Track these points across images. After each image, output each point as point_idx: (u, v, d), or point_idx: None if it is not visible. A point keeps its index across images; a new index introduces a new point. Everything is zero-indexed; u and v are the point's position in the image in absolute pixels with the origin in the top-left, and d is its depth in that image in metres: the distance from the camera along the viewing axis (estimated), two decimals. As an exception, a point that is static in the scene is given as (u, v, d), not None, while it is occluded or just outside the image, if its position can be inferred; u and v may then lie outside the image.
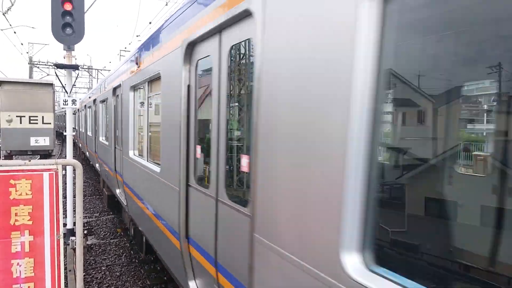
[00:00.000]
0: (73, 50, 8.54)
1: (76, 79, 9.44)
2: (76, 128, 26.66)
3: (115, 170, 10.03)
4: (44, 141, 18.05)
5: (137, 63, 6.98)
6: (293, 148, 2.34)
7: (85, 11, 8.19)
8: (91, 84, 50.44)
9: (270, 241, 2.58)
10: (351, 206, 1.92)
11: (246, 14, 2.98)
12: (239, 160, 3.44)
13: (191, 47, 4.17)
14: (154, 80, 6.17)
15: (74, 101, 8.83)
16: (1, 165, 3.48)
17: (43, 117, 17.99)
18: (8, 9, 15.59)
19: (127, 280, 7.74)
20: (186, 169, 4.30)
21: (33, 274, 3.63)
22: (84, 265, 8.14)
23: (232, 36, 3.29)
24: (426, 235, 2.17)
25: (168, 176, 4.93)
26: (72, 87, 8.96)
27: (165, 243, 5.25)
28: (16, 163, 3.59)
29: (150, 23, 20.85)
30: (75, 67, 9.01)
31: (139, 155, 7.53)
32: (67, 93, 8.76)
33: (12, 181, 3.51)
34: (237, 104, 3.62)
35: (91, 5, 10.83)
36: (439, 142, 2.30)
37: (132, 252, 9.30)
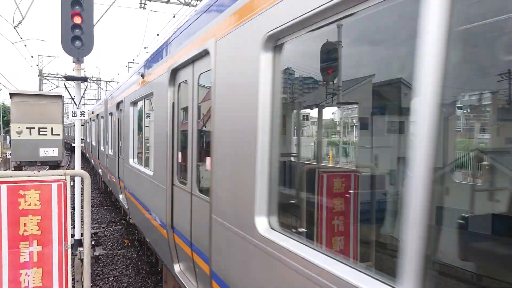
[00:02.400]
0: (82, 62, 8.66)
1: (85, 90, 9.57)
2: (85, 139, 26.83)
3: (118, 177, 10.85)
4: (53, 152, 18.22)
5: (139, 81, 7.95)
6: (232, 153, 3.30)
7: (94, 24, 8.33)
8: (100, 96, 50.92)
9: (221, 218, 3.53)
10: (260, 189, 2.87)
11: (206, 52, 3.92)
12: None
13: (174, 72, 5.12)
14: (148, 97, 7.17)
15: (82, 113, 8.93)
16: (10, 176, 3.53)
17: (52, 128, 18.18)
18: (19, 23, 15.86)
19: (134, 291, 7.74)
20: (172, 172, 5.21)
21: (41, 284, 3.64)
22: (91, 276, 8.15)
23: (200, 67, 4.28)
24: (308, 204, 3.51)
25: (159, 178, 5.83)
26: (81, 98, 9.07)
27: (154, 232, 6.30)
28: (25, 174, 3.63)
29: (157, 35, 21.04)
30: (84, 79, 9.12)
31: (138, 162, 8.52)
32: (76, 104, 8.87)
33: (21, 192, 3.55)
34: (205, 118, 4.55)
35: (100, 19, 11.03)
36: None
37: (139, 263, 9.30)
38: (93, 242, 10.05)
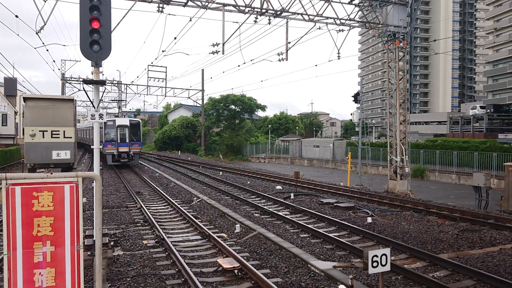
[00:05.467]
0: (101, 66, 8.80)
1: (103, 94, 9.83)
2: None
3: None
4: (65, 155, 18.48)
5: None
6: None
7: (112, 29, 8.47)
8: (120, 98, 51.70)
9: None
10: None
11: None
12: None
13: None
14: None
15: (101, 116, 9.09)
16: (24, 178, 3.63)
17: (64, 131, 18.43)
18: (41, 29, 16.21)
19: (151, 291, 7.81)
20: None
21: (54, 284, 3.73)
22: (109, 276, 8.27)
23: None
24: None
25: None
26: (100, 101, 9.23)
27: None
28: (39, 176, 3.72)
29: (175, 38, 21.25)
30: (102, 83, 9.26)
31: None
32: (94, 107, 9.03)
33: (35, 193, 3.65)
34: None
35: (118, 23, 11.32)
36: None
37: (156, 263, 9.40)
38: (112, 243, 10.19)
